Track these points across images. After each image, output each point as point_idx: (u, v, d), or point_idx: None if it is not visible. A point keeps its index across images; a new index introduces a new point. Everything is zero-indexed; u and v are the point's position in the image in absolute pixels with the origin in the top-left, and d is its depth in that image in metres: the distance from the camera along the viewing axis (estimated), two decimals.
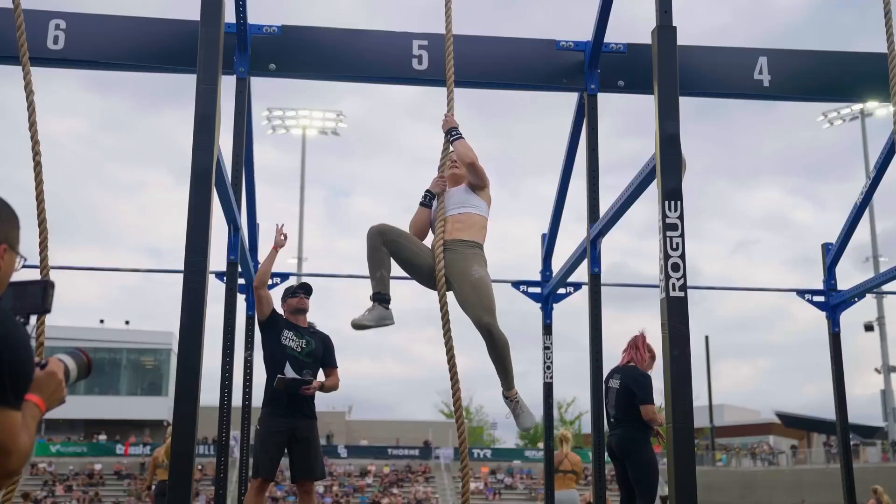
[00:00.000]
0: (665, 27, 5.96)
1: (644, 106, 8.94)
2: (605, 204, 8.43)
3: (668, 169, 5.73)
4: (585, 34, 9.08)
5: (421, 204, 6.24)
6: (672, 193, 5.66)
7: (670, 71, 5.88)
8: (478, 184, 6.12)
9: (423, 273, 5.95)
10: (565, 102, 9.80)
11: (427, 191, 6.25)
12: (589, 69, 9.07)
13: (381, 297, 5.88)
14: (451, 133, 6.16)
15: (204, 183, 5.80)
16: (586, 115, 9.02)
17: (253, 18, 8.78)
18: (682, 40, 6.05)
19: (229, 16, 7.15)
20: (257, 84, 9.30)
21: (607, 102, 9.33)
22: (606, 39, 8.93)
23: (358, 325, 5.80)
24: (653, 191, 6.09)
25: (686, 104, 6.96)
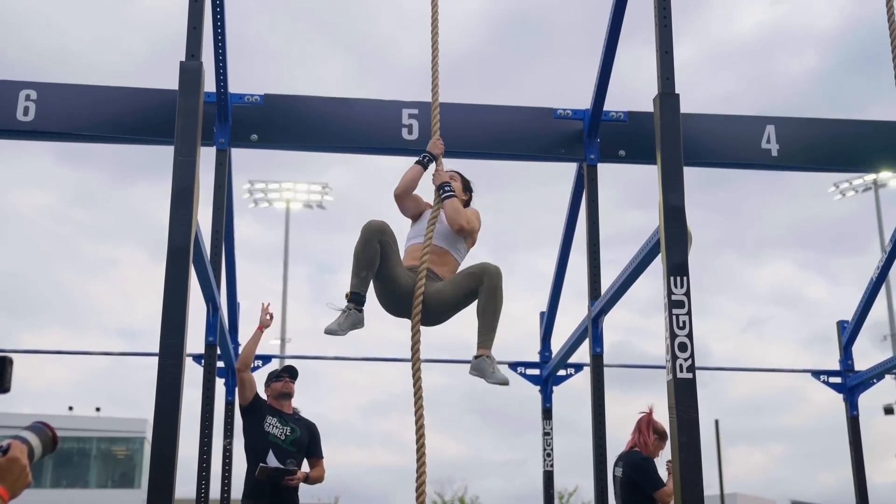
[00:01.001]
0: (667, 95, 6.01)
1: (647, 176, 9.00)
2: (607, 280, 8.42)
3: (673, 243, 5.74)
4: (584, 102, 9.17)
5: (417, 162, 6.36)
6: (678, 269, 5.66)
7: (674, 140, 5.92)
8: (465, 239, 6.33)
9: (398, 290, 5.94)
10: (562, 173, 9.86)
11: (426, 152, 6.38)
12: (588, 138, 9.13)
13: (359, 299, 5.89)
14: (444, 189, 6.26)
15: (181, 260, 5.79)
16: (586, 187, 9.06)
17: (234, 87, 8.85)
18: (685, 108, 6.11)
19: (209, 84, 7.20)
20: (238, 155, 9.36)
21: (607, 173, 9.38)
22: (606, 107, 9.01)
23: (332, 332, 5.81)
24: (657, 266, 6.09)
25: (691, 174, 7.00)
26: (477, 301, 5.91)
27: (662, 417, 8.50)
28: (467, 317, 6.02)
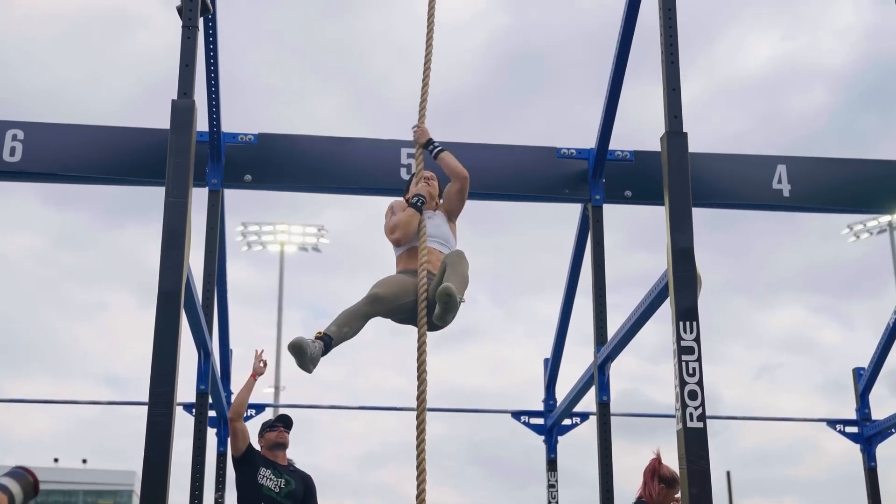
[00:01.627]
0: (675, 133, 6.03)
1: (654, 217, 9.01)
2: (614, 325, 8.41)
3: (682, 286, 5.73)
4: (589, 140, 9.19)
5: (410, 205, 6.41)
6: (687, 313, 5.64)
7: (682, 180, 5.93)
8: (457, 208, 6.56)
9: (406, 307, 6.08)
10: (566, 214, 9.88)
11: (417, 196, 6.41)
12: (593, 178, 9.15)
13: (329, 344, 5.93)
14: (432, 145, 6.45)
15: (171, 305, 5.77)
16: (591, 228, 9.06)
17: (227, 126, 8.88)
18: (693, 147, 6.12)
19: (201, 123, 7.22)
20: (231, 197, 9.37)
21: (613, 213, 9.40)
22: (612, 146, 9.04)
23: (297, 347, 5.80)
24: (665, 310, 6.08)
25: (700, 214, 7.01)
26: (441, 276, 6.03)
27: (672, 462, 8.42)
28: (469, 361, 6.01)
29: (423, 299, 5.98)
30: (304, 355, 5.81)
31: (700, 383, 5.47)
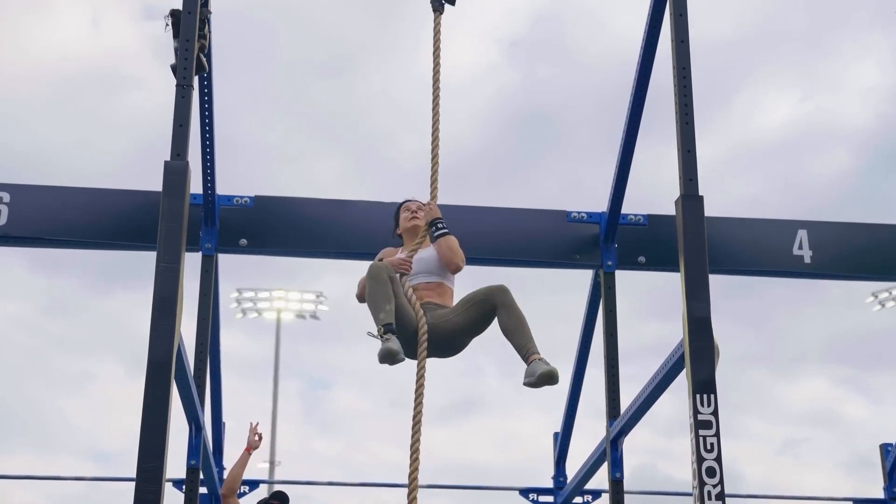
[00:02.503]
0: (690, 197, 6.04)
1: (669, 284, 8.99)
2: (627, 397, 8.36)
3: (698, 357, 5.70)
4: (600, 204, 9.20)
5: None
6: (704, 386, 5.62)
7: (698, 246, 5.93)
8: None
9: (407, 328, 6.15)
10: (577, 280, 9.87)
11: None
12: (605, 243, 9.15)
13: (392, 329, 5.99)
14: (438, 225, 6.51)
15: (161, 375, 5.75)
16: (603, 295, 9.05)
17: (222, 188, 8.91)
18: (710, 211, 6.13)
19: (195, 186, 7.26)
20: (226, 262, 9.38)
21: (626, 280, 9.40)
22: (624, 210, 9.05)
23: (391, 354, 5.85)
24: (682, 382, 6.05)
25: (717, 281, 7.00)
26: (499, 324, 6.16)
27: None
28: (475, 434, 5.97)
29: (423, 332, 6.12)
30: (395, 355, 5.89)
31: (718, 459, 5.43)
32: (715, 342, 5.79)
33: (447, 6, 7.01)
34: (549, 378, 5.96)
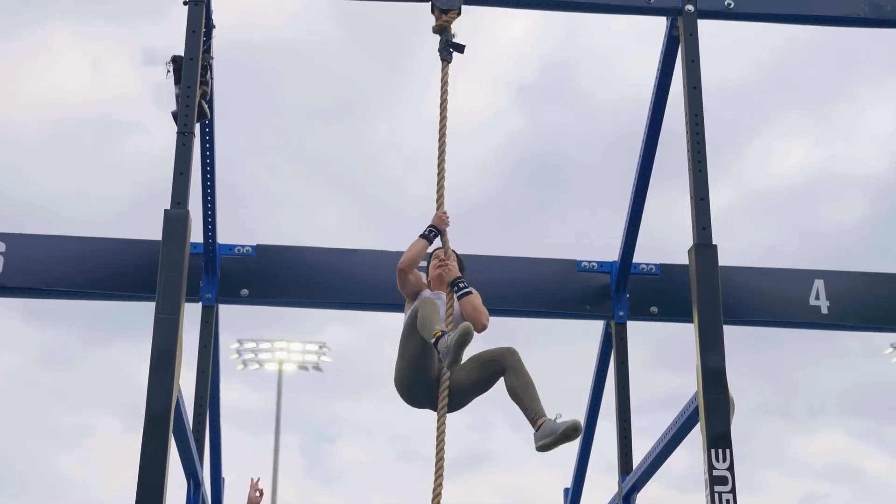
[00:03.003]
0: (704, 246, 6.04)
1: (682, 335, 8.98)
2: (640, 451, 8.32)
3: (713, 410, 5.69)
4: (611, 253, 9.20)
5: (422, 237, 6.65)
6: (719, 440, 5.59)
7: (712, 296, 5.93)
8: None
9: (426, 376, 6.34)
10: (588, 330, 9.85)
11: (432, 226, 6.68)
12: (616, 293, 9.14)
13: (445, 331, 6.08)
14: (459, 286, 6.56)
15: (159, 429, 5.74)
16: (614, 347, 9.02)
17: (223, 237, 8.92)
18: (724, 260, 6.13)
19: (196, 235, 7.27)
20: (226, 312, 9.38)
21: (638, 330, 9.40)
22: (636, 259, 9.05)
23: (464, 337, 5.88)
24: (696, 436, 6.02)
25: (731, 332, 6.99)
26: (506, 385, 6.24)
27: None
28: (483, 490, 5.94)
29: (444, 388, 6.24)
30: (469, 335, 5.92)
31: None
32: (730, 394, 5.78)
33: (455, 54, 7.06)
34: (574, 431, 5.93)
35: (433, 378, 6.32)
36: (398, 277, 6.69)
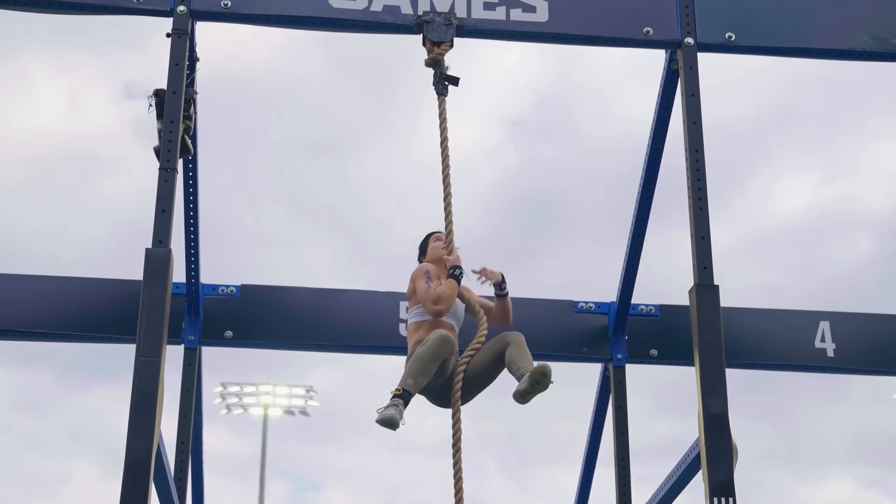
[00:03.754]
0: (705, 286, 6.06)
1: (683, 378, 8.97)
2: (640, 500, 8.31)
3: (715, 458, 5.68)
4: (609, 293, 9.21)
5: (452, 277, 6.88)
6: (722, 488, 5.59)
7: (713, 338, 5.93)
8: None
9: (442, 380, 6.67)
10: (585, 374, 9.84)
11: (458, 268, 6.93)
12: (614, 335, 9.14)
13: (407, 399, 6.42)
14: (501, 287, 7.07)
15: (139, 477, 5.72)
16: (612, 391, 9.02)
17: (207, 277, 8.93)
18: (725, 301, 6.14)
19: (178, 274, 7.26)
20: (210, 354, 9.35)
21: (637, 374, 9.39)
22: (635, 299, 9.06)
23: (388, 421, 6.26)
24: (698, 484, 6.01)
25: (734, 375, 6.99)
26: (505, 358, 6.61)
27: None
28: None
29: (458, 379, 6.59)
30: (395, 425, 6.29)
31: None
32: (733, 441, 5.77)
33: (450, 87, 7.12)
34: (542, 375, 6.27)
35: (446, 379, 6.64)
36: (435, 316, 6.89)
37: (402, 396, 6.38)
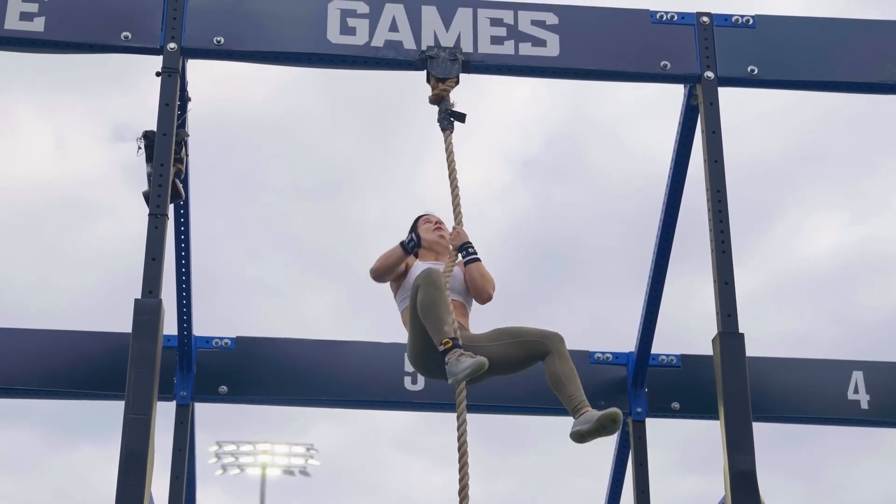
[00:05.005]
0: (729, 334, 6.04)
1: (707, 433, 8.93)
2: None
3: None
4: (627, 342, 9.19)
5: (402, 247, 6.84)
6: None
7: (739, 390, 5.92)
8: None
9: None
10: None
11: (414, 234, 6.93)
12: (633, 388, 9.11)
13: (459, 343, 6.15)
14: (469, 250, 6.76)
15: None
16: (632, 447, 8.98)
17: (200, 329, 8.91)
18: (751, 350, 6.12)
19: (169, 326, 7.26)
20: (204, 411, 9.33)
21: (658, 428, 9.36)
22: (655, 349, 9.03)
23: (477, 368, 5.99)
24: None
25: (762, 429, 6.96)
26: (548, 371, 6.44)
27: None
28: None
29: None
30: (484, 366, 6.03)
31: None
32: (762, 500, 5.75)
33: (456, 123, 7.13)
34: (612, 422, 6.05)
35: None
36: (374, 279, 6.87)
37: (456, 345, 6.17)
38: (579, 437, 6.17)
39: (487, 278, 6.78)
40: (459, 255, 6.81)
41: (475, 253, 6.79)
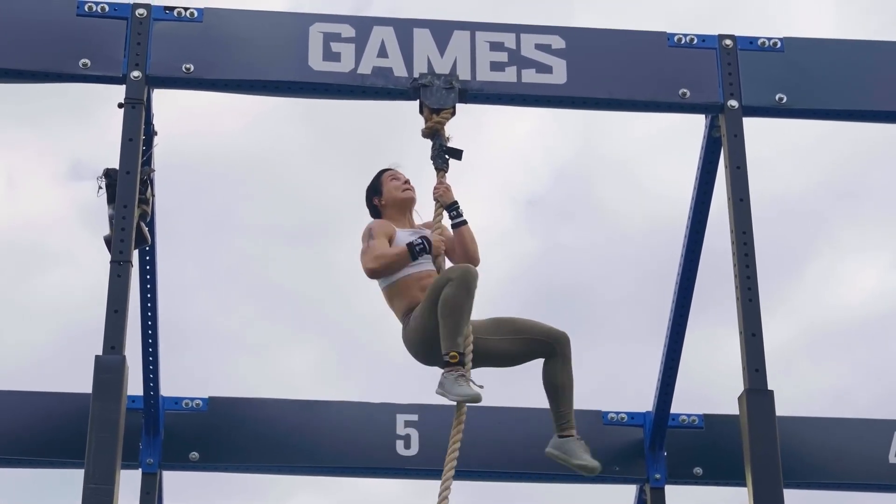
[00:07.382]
0: (757, 391, 6.04)
1: (734, 501, 8.91)
2: None
3: None
4: (644, 402, 9.18)
5: (410, 250, 6.75)
6: None
7: (768, 453, 5.91)
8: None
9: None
10: (618, 497, 9.79)
11: (424, 240, 6.80)
12: (651, 451, 9.08)
13: (464, 361, 6.29)
14: (457, 210, 6.87)
15: None
16: None
17: (168, 389, 8.89)
18: (781, 409, 6.12)
19: (134, 386, 7.24)
20: (173, 480, 9.30)
21: (679, 496, 9.35)
22: (675, 409, 9.01)
23: (472, 398, 6.20)
24: None
25: (794, 497, 6.96)
26: (546, 374, 6.56)
27: None
28: None
29: (469, 350, 6.45)
30: (479, 398, 6.23)
31: None
32: None
33: (452, 161, 7.11)
34: (588, 472, 6.47)
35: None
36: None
37: (462, 362, 6.28)
38: (553, 458, 6.50)
39: (476, 243, 6.93)
40: (446, 213, 6.92)
41: (463, 217, 6.92)
